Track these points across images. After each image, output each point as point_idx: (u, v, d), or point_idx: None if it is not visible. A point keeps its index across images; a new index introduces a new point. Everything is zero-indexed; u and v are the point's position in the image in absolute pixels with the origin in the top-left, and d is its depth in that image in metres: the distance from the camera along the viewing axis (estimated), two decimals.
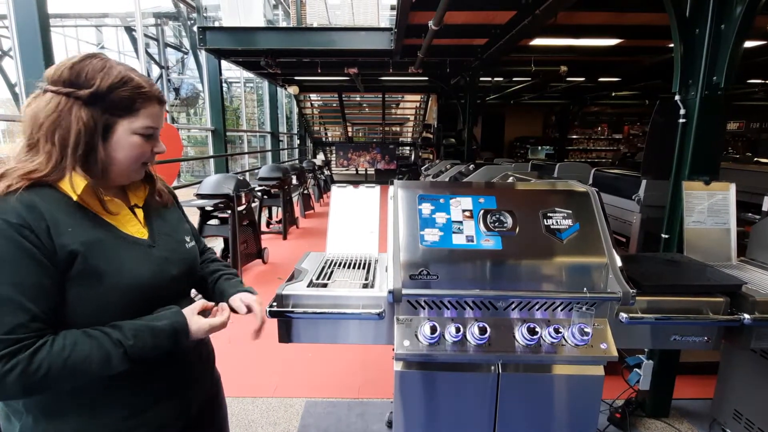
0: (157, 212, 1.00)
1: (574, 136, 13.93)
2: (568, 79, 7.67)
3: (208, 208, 4.10)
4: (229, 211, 4.04)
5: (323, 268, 1.70)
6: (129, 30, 11.77)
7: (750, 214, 3.22)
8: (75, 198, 0.80)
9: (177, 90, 13.77)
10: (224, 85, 11.32)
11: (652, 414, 2.21)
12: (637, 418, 2.20)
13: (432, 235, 1.46)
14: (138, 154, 0.87)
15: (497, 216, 1.49)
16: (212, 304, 1.03)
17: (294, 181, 6.71)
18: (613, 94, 10.67)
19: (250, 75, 9.18)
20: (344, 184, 2.07)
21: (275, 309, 1.43)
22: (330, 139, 14.25)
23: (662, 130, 2.27)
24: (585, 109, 13.33)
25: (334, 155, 13.37)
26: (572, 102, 12.66)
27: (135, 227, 0.92)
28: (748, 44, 5.46)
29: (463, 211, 1.51)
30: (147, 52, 11.69)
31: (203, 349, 1.11)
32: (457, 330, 1.35)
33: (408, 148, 13.98)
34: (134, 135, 0.86)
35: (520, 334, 1.37)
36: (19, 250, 0.73)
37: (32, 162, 0.79)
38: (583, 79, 8.20)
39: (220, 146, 6.48)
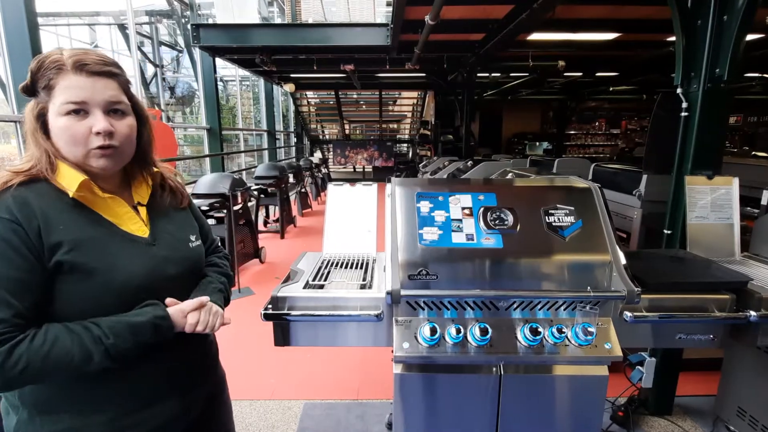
0: (163, 211, 0.98)
1: (572, 132, 13.90)
2: (565, 74, 7.64)
3: (204, 208, 4.05)
4: (225, 211, 3.99)
5: (320, 268, 1.66)
6: (122, 28, 11.66)
7: (749, 209, 3.20)
8: (72, 194, 0.80)
9: (172, 89, 13.65)
10: (219, 83, 11.23)
11: (655, 412, 2.19)
12: (640, 416, 2.18)
13: (431, 234, 1.42)
14: (71, 135, 0.79)
15: (498, 213, 1.45)
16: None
17: (291, 180, 6.66)
18: (611, 89, 10.64)
19: (245, 73, 9.10)
20: (341, 182, 2.03)
21: (270, 312, 1.39)
22: (327, 136, 14.19)
23: (664, 124, 2.23)
24: (583, 105, 13.30)
25: (331, 153, 13.31)
26: (570, 97, 12.63)
27: (136, 225, 0.91)
28: (748, 37, 5.44)
29: (463, 208, 1.47)
30: (141, 51, 11.58)
31: (207, 346, 1.07)
32: (458, 331, 1.32)
33: (405, 145, 13.93)
34: (60, 116, 0.79)
35: (522, 335, 1.34)
36: (6, 246, 0.73)
37: (24, 158, 0.82)
38: (580, 74, 8.16)
39: (215, 145, 6.42)
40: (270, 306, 1.42)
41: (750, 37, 5.47)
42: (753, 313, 1.39)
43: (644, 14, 4.61)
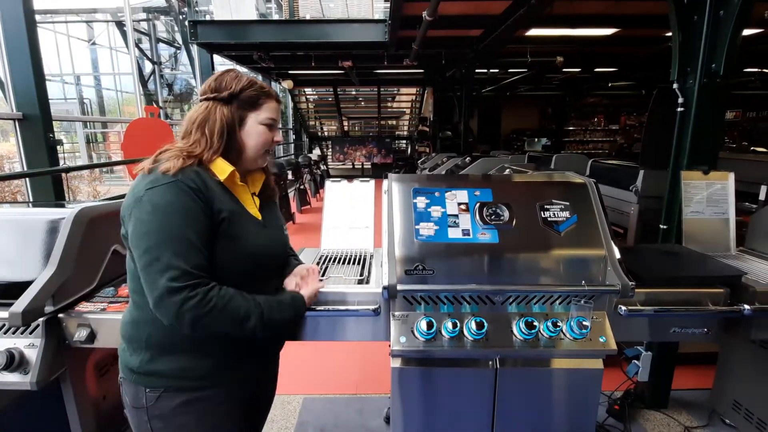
0: (266, 201, 1.23)
1: (571, 128, 13.88)
2: (564, 69, 7.63)
3: None
4: None
5: (317, 264, 1.67)
6: (120, 25, 11.61)
7: (747, 204, 3.21)
8: (221, 179, 1.05)
9: (170, 86, 13.62)
10: None
11: (651, 405, 2.20)
12: (636, 409, 2.20)
13: (427, 230, 1.43)
14: (264, 140, 1.11)
15: (493, 209, 1.46)
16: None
17: (290, 177, 6.66)
18: (610, 84, 10.62)
19: (243, 69, 9.07)
20: (338, 179, 2.04)
21: None
22: (326, 133, 14.16)
23: (661, 120, 2.24)
24: (581, 101, 13.28)
25: (330, 150, 13.29)
26: (568, 93, 12.61)
27: (253, 209, 1.14)
28: (746, 32, 5.43)
29: (459, 204, 1.48)
30: (139, 48, 11.54)
31: None
32: (454, 325, 1.33)
33: (404, 141, 13.91)
34: (260, 125, 1.10)
35: (518, 329, 1.35)
36: (198, 208, 0.95)
37: (188, 144, 1.04)
38: (579, 69, 8.16)
39: None
40: None
41: (749, 31, 5.45)
42: (747, 306, 1.40)
43: (643, 9, 4.60)
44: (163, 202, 0.93)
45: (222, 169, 1.05)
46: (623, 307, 1.39)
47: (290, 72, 9.07)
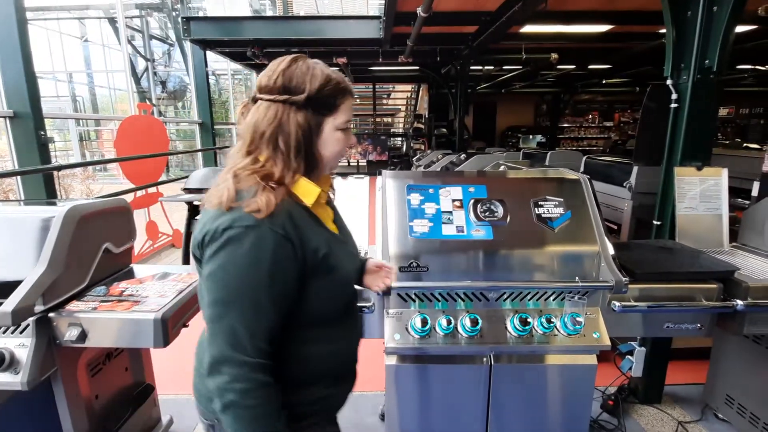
0: (333, 208, 1.04)
1: (566, 125, 13.92)
2: (558, 66, 7.63)
3: (197, 203, 4.03)
4: None
5: None
6: (112, 22, 11.49)
7: (740, 200, 3.23)
8: (309, 204, 0.87)
9: (164, 83, 13.49)
10: (212, 77, 11.12)
11: (644, 400, 2.22)
12: (630, 404, 2.21)
13: (421, 226, 1.43)
14: (341, 148, 0.91)
15: (488, 205, 1.46)
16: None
17: None
18: (604, 81, 10.64)
19: (238, 66, 9.01)
20: (333, 176, 2.02)
21: None
22: None
23: (654, 116, 2.24)
24: (576, 97, 13.31)
25: None
26: (563, 90, 12.63)
27: (331, 224, 0.97)
28: (739, 29, 5.45)
29: (453, 200, 1.48)
30: (132, 45, 11.43)
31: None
32: (449, 322, 1.33)
33: (400, 138, 13.90)
34: (337, 131, 0.89)
35: (512, 325, 1.35)
36: (283, 261, 0.78)
37: (261, 165, 0.83)
38: (573, 66, 8.16)
39: (208, 139, 6.37)
40: None
41: (743, 28, 5.47)
42: (739, 301, 1.41)
43: (637, 5, 4.60)
44: (239, 253, 0.76)
45: (307, 191, 0.86)
46: (617, 303, 1.40)
47: None
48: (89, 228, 1.48)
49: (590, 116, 13.91)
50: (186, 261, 4.10)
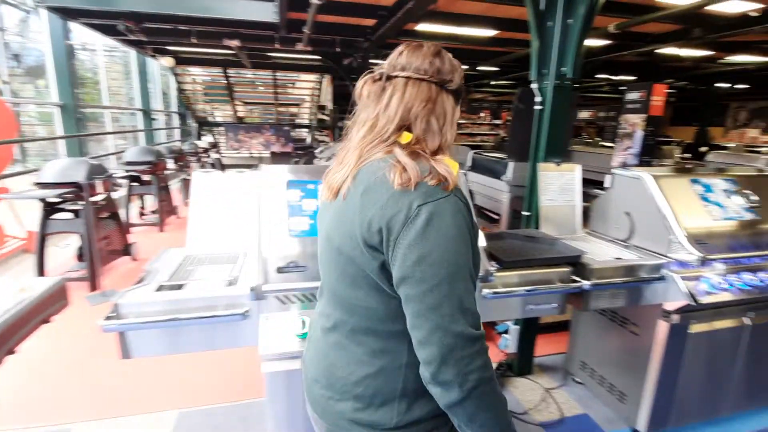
0: None
1: (462, 121, 14.91)
2: None
3: (54, 199, 3.43)
4: (82, 203, 3.42)
5: (180, 266, 1.50)
6: None
7: (596, 190, 3.76)
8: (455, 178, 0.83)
9: (17, 56, 11.25)
10: (83, 52, 9.55)
11: (519, 373, 2.46)
12: (507, 378, 2.44)
13: (301, 224, 1.37)
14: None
15: None
16: None
17: (171, 166, 5.99)
18: (492, 82, 11.59)
19: (112, 42, 7.86)
20: (211, 170, 1.85)
21: (112, 323, 1.21)
22: (222, 119, 13.08)
23: (523, 116, 2.46)
24: (469, 96, 14.31)
25: (223, 137, 12.33)
26: None
27: None
28: (596, 43, 6.32)
29: None
30: None
31: None
32: None
33: (306, 129, 13.54)
34: (456, 122, 0.91)
35: None
36: (471, 230, 0.78)
37: (416, 141, 0.82)
38: (466, 67, 8.73)
39: (70, 124, 5.47)
40: (114, 314, 1.24)
41: (599, 42, 6.32)
42: (586, 282, 1.62)
43: (516, 14, 5.04)
44: (445, 225, 0.73)
45: (454, 166, 0.84)
46: (486, 291, 1.50)
47: (170, 48, 8.12)
48: None
49: (482, 114, 15.08)
50: (42, 272, 3.47)
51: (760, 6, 4.26)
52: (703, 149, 7.11)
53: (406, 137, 0.82)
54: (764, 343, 1.94)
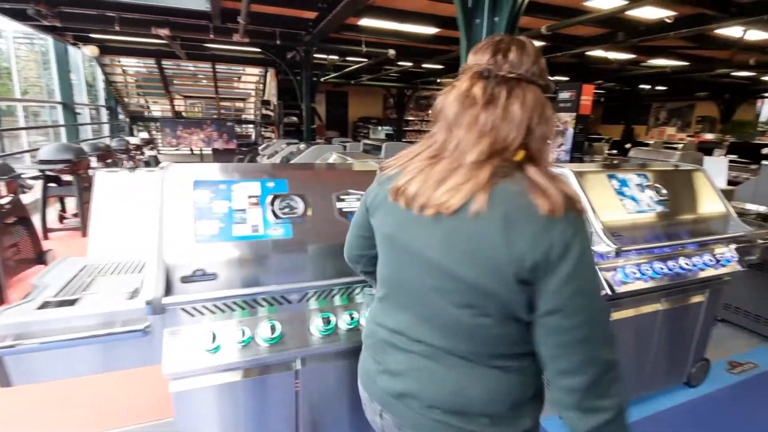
0: None
1: (411, 118, 15.07)
2: (398, 62, 8.11)
3: None
4: None
5: (74, 278, 1.33)
6: None
7: None
8: None
9: None
10: None
11: None
12: None
13: (209, 228, 1.26)
14: None
15: (287, 201, 1.36)
16: None
17: (95, 164, 5.49)
18: (438, 80, 11.79)
19: (24, 29, 7.06)
20: (116, 169, 1.68)
21: None
22: (160, 113, 12.26)
23: None
24: (418, 93, 14.47)
25: (160, 133, 11.56)
26: (406, 85, 13.58)
27: None
28: (536, 44, 6.58)
29: (249, 197, 1.34)
30: None
31: None
32: (243, 334, 1.20)
33: (252, 126, 13.04)
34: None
35: (315, 326, 1.30)
36: None
37: (534, 159, 0.75)
38: (411, 64, 8.79)
39: None
40: None
41: (537, 43, 6.68)
42: None
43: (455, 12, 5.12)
44: (591, 255, 0.74)
45: None
46: None
47: (93, 36, 7.44)
48: None
49: (431, 111, 15.36)
50: None
51: (673, 14, 4.63)
52: (627, 146, 7.68)
53: (520, 153, 0.74)
54: (675, 326, 2.09)
